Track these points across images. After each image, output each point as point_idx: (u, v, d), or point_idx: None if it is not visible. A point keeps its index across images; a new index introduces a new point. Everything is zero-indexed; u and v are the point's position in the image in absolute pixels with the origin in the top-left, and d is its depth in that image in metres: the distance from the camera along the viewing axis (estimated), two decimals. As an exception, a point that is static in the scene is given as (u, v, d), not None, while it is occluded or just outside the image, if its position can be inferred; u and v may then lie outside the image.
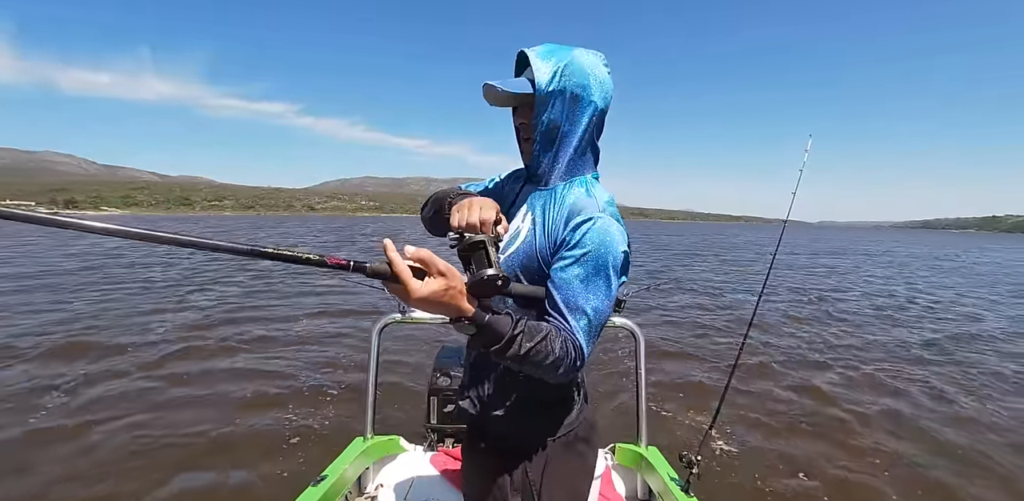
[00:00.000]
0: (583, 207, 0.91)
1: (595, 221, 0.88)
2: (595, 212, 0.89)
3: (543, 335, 0.81)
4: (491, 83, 0.90)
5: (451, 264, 0.75)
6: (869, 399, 4.46)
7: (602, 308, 0.88)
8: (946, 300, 10.83)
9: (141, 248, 16.25)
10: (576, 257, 0.87)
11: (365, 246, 23.62)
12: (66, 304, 7.64)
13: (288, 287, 9.98)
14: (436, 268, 0.72)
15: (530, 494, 1.01)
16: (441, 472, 2.05)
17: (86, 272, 11.40)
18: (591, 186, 0.98)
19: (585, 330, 0.87)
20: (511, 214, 1.06)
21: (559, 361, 0.82)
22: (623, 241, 0.90)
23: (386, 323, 2.02)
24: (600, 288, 0.87)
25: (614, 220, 0.90)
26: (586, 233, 0.87)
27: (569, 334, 0.85)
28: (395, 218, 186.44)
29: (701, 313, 8.26)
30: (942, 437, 3.75)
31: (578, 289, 0.86)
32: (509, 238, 1.00)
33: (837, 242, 45.66)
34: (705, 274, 14.57)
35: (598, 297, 0.87)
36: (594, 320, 0.88)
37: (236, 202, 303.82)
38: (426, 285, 0.71)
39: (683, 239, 41.35)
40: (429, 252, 0.73)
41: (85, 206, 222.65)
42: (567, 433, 1.04)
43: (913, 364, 5.66)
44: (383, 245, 0.70)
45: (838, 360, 5.69)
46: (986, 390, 4.83)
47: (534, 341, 0.80)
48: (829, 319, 8.10)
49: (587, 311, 0.87)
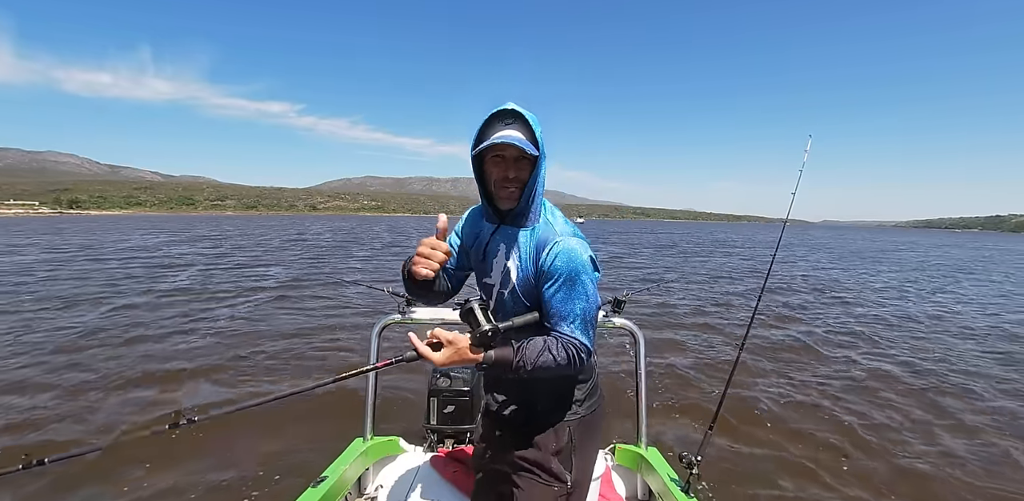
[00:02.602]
0: (547, 236, 1.12)
1: (557, 245, 1.09)
2: (555, 237, 1.11)
3: (541, 349, 1.06)
4: (517, 144, 1.05)
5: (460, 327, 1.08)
6: (870, 400, 4.44)
7: (587, 305, 1.10)
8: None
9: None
10: (554, 278, 1.08)
11: (375, 248, 23.63)
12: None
13: (291, 292, 10.00)
14: (444, 339, 1.04)
15: (567, 458, 1.23)
16: (441, 473, 2.05)
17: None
18: (549, 215, 1.18)
19: (580, 328, 1.10)
20: (490, 251, 1.22)
21: (565, 361, 1.07)
22: (584, 250, 1.10)
23: (386, 323, 2.02)
24: (580, 293, 1.09)
25: (570, 236, 1.11)
26: (556, 257, 1.08)
27: (567, 337, 1.09)
28: (397, 217, 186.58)
29: (701, 313, 8.23)
30: (952, 443, 3.74)
31: (564, 301, 1.09)
32: (503, 278, 1.19)
33: (860, 243, 44.95)
34: (705, 273, 14.54)
35: (582, 299, 1.09)
36: (586, 316, 1.10)
37: (238, 202, 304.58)
38: (442, 354, 1.04)
39: (684, 237, 41.29)
40: (440, 330, 1.06)
41: (89, 206, 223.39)
42: (586, 414, 1.25)
43: (924, 368, 5.64)
44: (409, 338, 1.07)
45: (839, 360, 5.67)
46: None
47: (536, 358, 1.05)
48: (830, 319, 8.07)
49: (577, 312, 1.09)
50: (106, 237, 26.15)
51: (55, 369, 4.64)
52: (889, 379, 5.06)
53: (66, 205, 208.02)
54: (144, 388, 4.28)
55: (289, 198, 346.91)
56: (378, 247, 23.48)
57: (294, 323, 6.83)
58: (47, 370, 4.61)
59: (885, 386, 4.85)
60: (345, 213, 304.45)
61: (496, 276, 1.20)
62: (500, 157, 1.11)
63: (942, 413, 4.23)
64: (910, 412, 4.23)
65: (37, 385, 4.24)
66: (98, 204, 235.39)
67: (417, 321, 2.02)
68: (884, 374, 5.21)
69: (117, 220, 71.15)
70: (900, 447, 3.59)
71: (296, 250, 20.02)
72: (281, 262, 15.02)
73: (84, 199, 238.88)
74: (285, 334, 6.20)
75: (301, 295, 9.07)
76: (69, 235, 27.69)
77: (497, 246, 1.21)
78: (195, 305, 7.95)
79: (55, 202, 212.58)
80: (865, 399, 4.47)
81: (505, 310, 1.19)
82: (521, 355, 1.05)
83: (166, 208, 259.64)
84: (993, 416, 4.17)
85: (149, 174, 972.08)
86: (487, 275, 1.23)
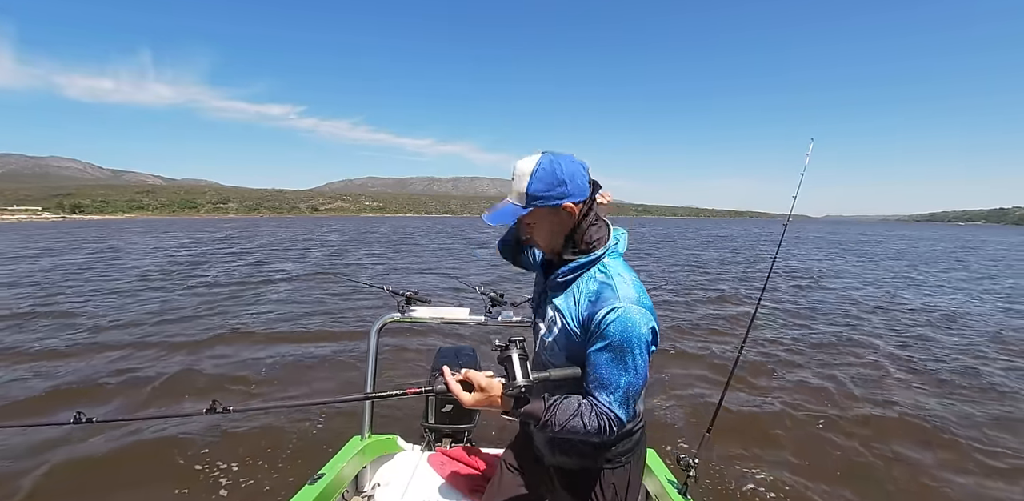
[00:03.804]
0: (608, 297, 1.03)
1: (616, 310, 1.00)
2: (616, 301, 1.01)
3: (573, 413, 1.01)
4: (487, 222, 1.09)
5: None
6: (871, 400, 4.43)
7: (634, 380, 1.03)
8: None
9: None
10: (604, 344, 1.01)
11: (377, 249, 23.64)
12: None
13: (293, 290, 10.02)
14: (477, 384, 1.02)
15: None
16: (438, 471, 2.05)
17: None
18: (617, 274, 1.08)
19: (620, 401, 1.03)
20: (543, 302, 1.20)
21: (595, 431, 1.02)
22: (645, 322, 1.01)
23: (385, 322, 2.02)
24: (628, 365, 1.01)
25: (634, 303, 1.01)
26: (610, 324, 0.99)
27: (603, 407, 1.02)
28: (399, 218, 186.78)
29: (700, 312, 8.22)
30: (954, 435, 3.73)
31: (610, 369, 1.02)
32: (546, 329, 1.17)
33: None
34: (705, 271, 14.51)
35: (629, 373, 1.02)
36: (630, 391, 1.03)
37: (240, 204, 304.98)
38: (472, 396, 1.02)
39: (685, 232, 41.18)
40: (475, 373, 1.03)
41: (91, 211, 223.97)
42: (625, 463, 1.23)
43: (923, 365, 5.62)
44: (442, 371, 1.06)
45: (840, 360, 5.66)
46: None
47: (566, 421, 1.01)
48: (831, 318, 8.05)
49: (621, 385, 1.02)
50: (127, 240, 26.34)
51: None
52: (895, 379, 5.04)
53: (69, 210, 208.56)
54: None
55: (291, 200, 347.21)
56: (386, 245, 23.66)
57: (295, 323, 6.85)
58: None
59: (889, 387, 4.84)
60: (347, 214, 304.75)
61: (544, 322, 1.18)
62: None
63: (964, 411, 4.22)
64: (922, 412, 4.22)
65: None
66: (101, 208, 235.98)
67: (417, 319, 2.02)
68: (887, 373, 5.19)
69: (121, 224, 71.43)
70: (906, 449, 3.58)
71: (318, 249, 20.13)
72: (301, 258, 15.11)
73: (87, 204, 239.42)
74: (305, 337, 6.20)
75: (303, 296, 9.09)
76: (94, 239, 27.86)
77: (547, 299, 1.19)
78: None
79: (58, 207, 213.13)
80: (868, 401, 4.46)
81: (547, 354, 1.19)
82: (551, 416, 1.01)
83: (168, 212, 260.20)
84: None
85: (151, 178, 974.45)
86: (539, 316, 1.23)
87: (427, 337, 5.82)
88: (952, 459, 3.41)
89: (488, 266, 14.84)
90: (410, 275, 13.07)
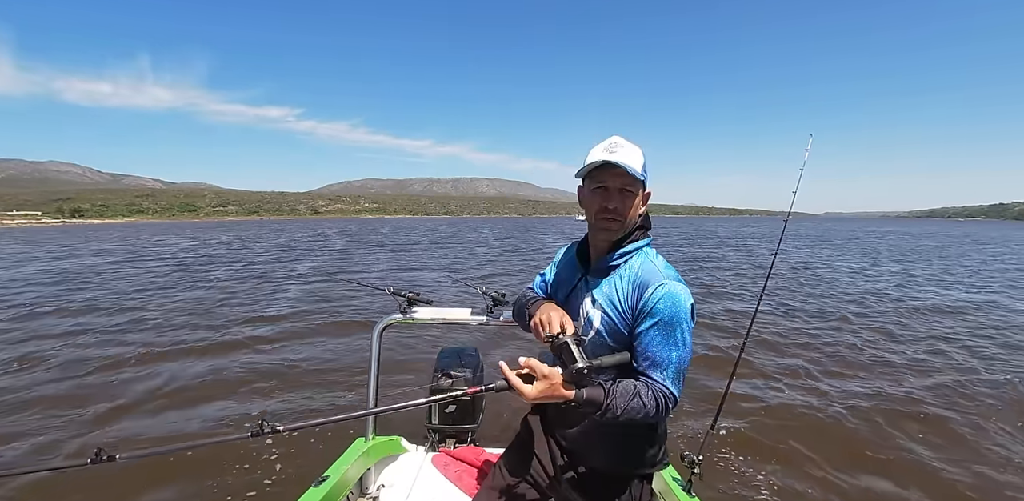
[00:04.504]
0: (650, 277, 1.08)
1: (663, 287, 1.05)
2: (660, 279, 1.07)
3: (632, 393, 1.02)
4: (622, 166, 1.06)
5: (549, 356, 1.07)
6: (872, 399, 4.41)
7: (684, 354, 1.06)
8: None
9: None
10: (654, 322, 1.05)
11: (379, 250, 23.63)
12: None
13: (295, 290, 10.03)
14: (541, 373, 0.99)
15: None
16: (443, 472, 2.05)
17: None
18: (652, 258, 1.15)
19: (673, 377, 1.06)
20: (575, 296, 1.23)
21: (652, 409, 1.03)
22: (687, 298, 1.07)
23: (387, 324, 2.01)
24: (678, 340, 1.05)
25: (676, 281, 1.07)
26: (660, 299, 1.04)
27: (659, 385, 1.04)
28: (399, 219, 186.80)
29: (701, 311, 8.22)
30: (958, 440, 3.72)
31: (661, 346, 1.05)
32: (584, 324, 1.17)
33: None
34: (705, 270, 14.50)
35: (679, 347, 1.05)
36: (681, 366, 1.07)
37: (240, 207, 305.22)
38: (535, 387, 0.99)
39: (683, 230, 41.17)
40: (536, 361, 1.01)
41: (91, 215, 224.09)
42: (650, 471, 1.24)
43: (926, 361, 5.62)
44: (500, 367, 1.02)
45: (840, 358, 5.65)
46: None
47: (627, 403, 1.01)
48: (831, 317, 8.05)
49: (672, 361, 1.05)
50: (143, 242, 26.38)
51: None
52: (895, 377, 5.03)
53: (68, 214, 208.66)
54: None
55: (291, 202, 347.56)
56: (388, 246, 23.73)
57: (295, 323, 6.86)
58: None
59: (888, 383, 4.83)
60: (347, 216, 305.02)
61: (582, 316, 1.19)
62: (603, 188, 1.12)
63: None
64: (922, 409, 4.21)
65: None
66: (100, 213, 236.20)
67: (419, 321, 2.02)
68: (888, 371, 5.19)
69: (121, 228, 71.38)
70: (908, 445, 3.57)
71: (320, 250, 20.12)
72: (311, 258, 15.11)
73: (86, 208, 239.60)
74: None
75: (305, 298, 9.09)
76: (106, 243, 27.84)
77: (582, 293, 1.20)
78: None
79: (57, 212, 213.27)
80: (868, 398, 4.45)
81: (589, 346, 1.18)
82: (612, 397, 1.00)
83: (168, 215, 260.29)
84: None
85: (151, 181, 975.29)
86: (570, 311, 1.23)
87: (431, 339, 5.82)
88: (958, 449, 3.40)
89: (487, 266, 14.84)
90: (410, 275, 13.07)
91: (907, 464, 3.26)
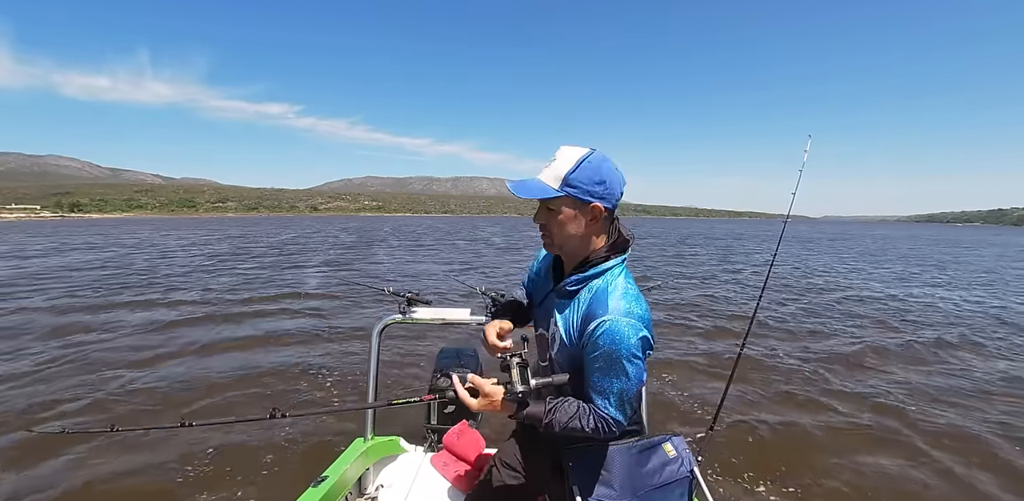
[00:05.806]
0: (596, 310, 1.08)
1: (604, 323, 1.04)
2: (605, 314, 1.05)
3: (572, 415, 1.08)
4: (516, 194, 1.08)
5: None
6: (871, 397, 4.43)
7: (627, 386, 1.07)
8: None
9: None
10: (595, 355, 1.06)
11: (384, 248, 23.59)
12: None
13: (294, 290, 10.02)
14: (482, 390, 1.09)
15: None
16: (441, 473, 2.05)
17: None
18: (612, 284, 1.11)
19: (615, 405, 1.08)
20: (545, 309, 1.26)
21: (591, 431, 1.08)
22: (633, 333, 1.03)
23: (386, 324, 2.02)
24: (619, 373, 1.05)
25: (622, 315, 1.04)
26: (599, 336, 1.04)
27: (600, 412, 1.08)
28: (399, 217, 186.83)
29: (702, 310, 8.22)
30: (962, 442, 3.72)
31: (602, 378, 1.07)
32: (551, 337, 1.22)
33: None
34: (705, 269, 14.52)
35: (620, 380, 1.06)
36: (624, 396, 1.08)
37: (239, 203, 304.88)
38: (477, 402, 1.10)
39: (684, 230, 41.19)
40: (480, 379, 1.11)
41: (90, 209, 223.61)
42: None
43: (925, 362, 5.64)
44: (452, 379, 1.14)
45: (841, 357, 5.66)
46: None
47: (566, 423, 1.08)
48: (832, 317, 8.06)
49: (614, 391, 1.07)
50: (158, 237, 26.31)
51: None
52: (894, 376, 5.05)
53: (67, 209, 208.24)
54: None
55: (290, 199, 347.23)
56: (393, 244, 23.81)
57: (295, 323, 6.85)
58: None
59: (886, 382, 4.84)
60: (347, 213, 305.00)
61: (549, 330, 1.23)
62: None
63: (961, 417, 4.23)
64: (923, 406, 4.22)
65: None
66: (99, 207, 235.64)
67: (418, 321, 2.02)
68: (886, 370, 5.20)
69: (119, 223, 71.36)
70: (908, 445, 3.58)
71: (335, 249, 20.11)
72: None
73: (85, 202, 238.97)
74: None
75: (305, 298, 9.08)
76: (114, 237, 27.80)
77: (551, 307, 1.22)
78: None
79: (56, 206, 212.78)
80: (868, 397, 4.46)
81: (556, 357, 1.21)
82: (551, 418, 1.08)
83: (167, 210, 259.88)
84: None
85: (150, 177, 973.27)
86: (544, 328, 1.27)
87: (431, 339, 5.82)
88: (960, 449, 3.42)
89: (488, 265, 14.85)
90: (411, 275, 13.07)
91: (915, 468, 3.26)
